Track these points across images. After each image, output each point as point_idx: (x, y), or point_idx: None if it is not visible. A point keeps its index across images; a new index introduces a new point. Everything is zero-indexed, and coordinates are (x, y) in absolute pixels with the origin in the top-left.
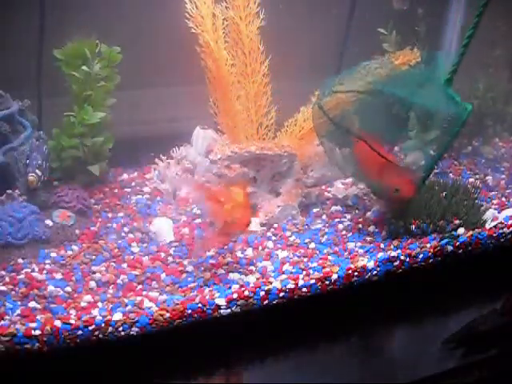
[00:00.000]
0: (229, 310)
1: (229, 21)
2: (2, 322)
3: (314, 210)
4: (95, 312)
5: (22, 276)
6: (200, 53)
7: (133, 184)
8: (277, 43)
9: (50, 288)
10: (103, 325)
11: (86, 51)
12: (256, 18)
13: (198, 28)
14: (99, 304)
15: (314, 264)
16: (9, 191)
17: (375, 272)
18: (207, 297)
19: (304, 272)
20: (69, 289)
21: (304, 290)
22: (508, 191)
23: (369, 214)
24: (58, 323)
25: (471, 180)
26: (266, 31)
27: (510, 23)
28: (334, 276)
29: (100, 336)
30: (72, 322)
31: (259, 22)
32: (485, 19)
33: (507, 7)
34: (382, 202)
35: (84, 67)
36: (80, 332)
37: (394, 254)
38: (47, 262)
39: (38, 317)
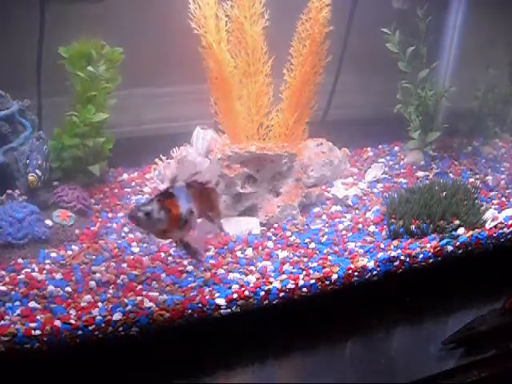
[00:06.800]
0: (229, 310)
1: (233, 19)
2: (2, 322)
3: (314, 210)
4: (95, 312)
5: (22, 276)
6: (202, 53)
7: (133, 184)
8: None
9: (50, 288)
10: (103, 325)
11: (92, 52)
12: (260, 18)
13: (201, 29)
14: (99, 304)
15: (314, 264)
16: (9, 191)
17: (375, 272)
18: (207, 297)
19: (304, 272)
20: (69, 289)
21: (304, 290)
22: (508, 191)
23: (369, 214)
24: (57, 323)
25: (471, 180)
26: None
27: (509, 23)
28: (334, 276)
29: (100, 336)
30: (72, 321)
31: (263, 22)
32: (485, 20)
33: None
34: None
35: (89, 68)
36: (80, 332)
37: (394, 254)
38: (47, 262)
39: (38, 317)
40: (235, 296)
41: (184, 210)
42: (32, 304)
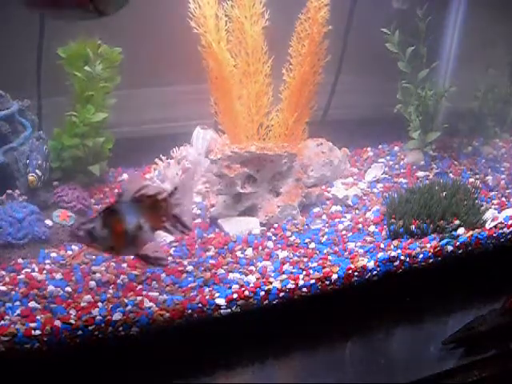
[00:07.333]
0: (229, 310)
1: (233, 19)
2: (2, 322)
3: (314, 210)
4: (95, 312)
5: (22, 276)
6: (202, 53)
7: None
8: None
9: (50, 288)
10: (103, 325)
11: (88, 51)
12: (261, 18)
13: (201, 28)
14: (99, 304)
15: (314, 264)
16: (9, 191)
17: (375, 272)
18: (207, 297)
19: (304, 272)
20: (69, 289)
21: (304, 290)
22: (508, 191)
23: (369, 214)
24: (58, 323)
25: (471, 180)
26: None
27: (509, 23)
28: (334, 276)
29: (100, 336)
30: (72, 321)
31: (264, 22)
32: (485, 20)
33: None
34: None
35: (86, 67)
36: (80, 332)
37: (393, 254)
38: (47, 262)
39: (38, 317)
40: (235, 296)
41: (130, 226)
42: (32, 304)
